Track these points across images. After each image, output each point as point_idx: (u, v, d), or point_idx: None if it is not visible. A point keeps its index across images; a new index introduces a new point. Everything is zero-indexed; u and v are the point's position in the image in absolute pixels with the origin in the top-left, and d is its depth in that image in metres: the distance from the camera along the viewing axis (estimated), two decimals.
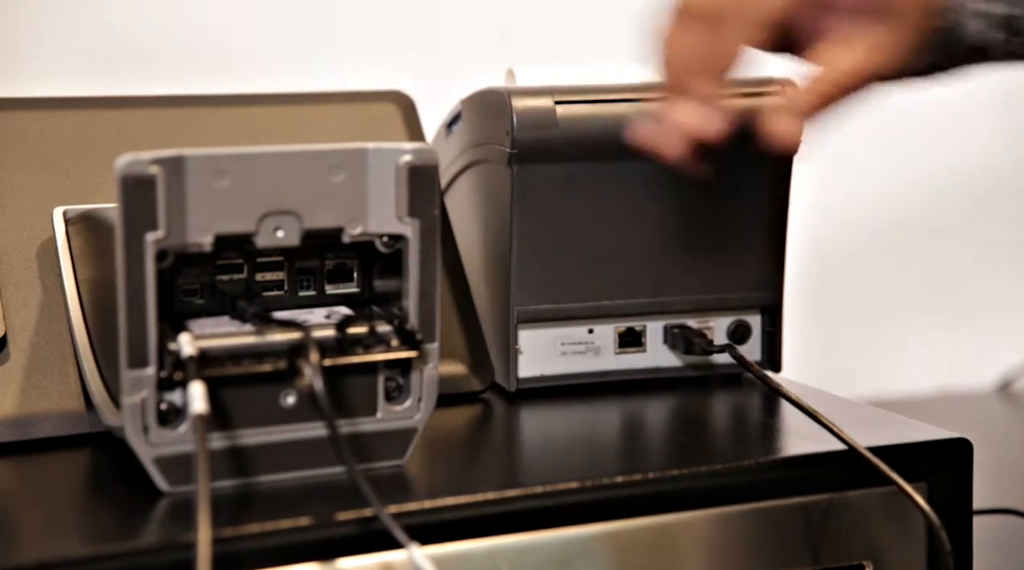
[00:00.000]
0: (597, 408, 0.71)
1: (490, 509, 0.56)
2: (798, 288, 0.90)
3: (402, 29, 1.03)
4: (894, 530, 0.62)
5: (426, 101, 0.82)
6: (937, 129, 1.17)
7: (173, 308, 0.58)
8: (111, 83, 0.95)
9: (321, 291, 0.61)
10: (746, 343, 0.76)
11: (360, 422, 0.58)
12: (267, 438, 0.57)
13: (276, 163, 0.55)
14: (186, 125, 0.75)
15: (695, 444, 0.65)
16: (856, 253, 1.16)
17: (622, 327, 0.74)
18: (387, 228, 0.57)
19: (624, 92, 0.71)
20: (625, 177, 0.72)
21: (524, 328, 0.73)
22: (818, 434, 0.62)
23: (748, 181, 0.73)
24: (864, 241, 1.16)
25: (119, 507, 0.55)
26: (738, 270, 0.75)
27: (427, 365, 0.58)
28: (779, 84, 0.73)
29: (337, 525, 0.53)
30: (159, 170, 0.53)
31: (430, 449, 0.62)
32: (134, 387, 0.54)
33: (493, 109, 0.72)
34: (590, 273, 0.73)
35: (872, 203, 1.16)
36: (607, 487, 0.58)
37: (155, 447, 0.55)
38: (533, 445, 0.67)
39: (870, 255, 1.17)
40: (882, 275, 1.17)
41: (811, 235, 1.06)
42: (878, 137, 1.15)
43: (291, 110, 0.78)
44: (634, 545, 0.58)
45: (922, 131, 1.17)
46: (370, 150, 0.57)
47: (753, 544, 0.60)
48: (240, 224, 0.55)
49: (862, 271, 1.16)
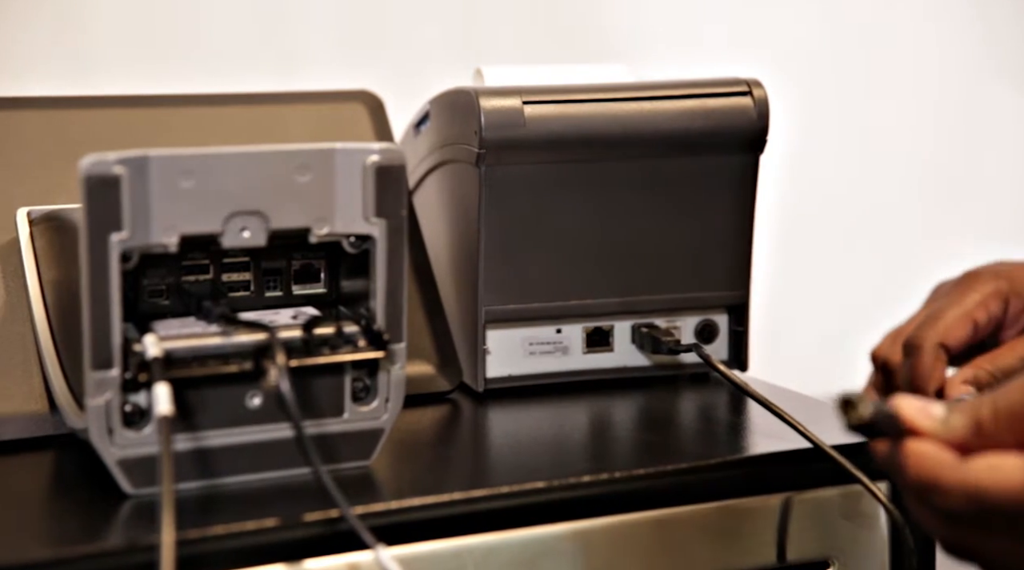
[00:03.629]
0: (565, 408, 0.71)
1: (457, 509, 0.56)
2: (765, 287, 0.91)
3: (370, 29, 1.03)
4: (858, 527, 0.62)
5: (394, 101, 0.82)
6: (903, 127, 1.18)
7: (138, 309, 0.58)
8: (76, 82, 0.95)
9: (288, 292, 0.61)
10: (713, 342, 0.76)
11: (327, 423, 0.58)
12: (233, 439, 0.56)
13: (242, 163, 0.55)
14: (153, 125, 0.74)
15: (662, 443, 0.65)
16: (823, 252, 1.17)
17: (590, 327, 0.74)
18: (354, 228, 0.57)
19: (592, 92, 0.71)
20: (593, 177, 0.72)
21: (492, 328, 0.73)
22: (784, 432, 0.63)
23: (715, 181, 0.74)
24: (831, 240, 1.17)
25: (83, 509, 0.55)
26: (705, 270, 0.75)
27: (394, 365, 0.58)
28: (745, 84, 0.73)
29: (303, 526, 0.53)
30: (123, 170, 0.52)
31: (397, 450, 0.62)
32: (98, 389, 0.53)
33: (461, 109, 0.72)
34: (558, 273, 0.73)
35: (839, 202, 1.16)
36: (574, 487, 0.58)
37: (119, 449, 0.54)
38: (501, 445, 0.68)
39: (837, 254, 1.17)
40: (849, 274, 1.17)
41: (778, 234, 1.06)
42: (845, 135, 1.16)
43: (259, 110, 0.78)
44: (601, 544, 0.58)
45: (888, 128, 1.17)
46: (337, 150, 0.57)
47: (719, 541, 0.60)
48: (206, 224, 0.55)
49: (829, 270, 1.17)
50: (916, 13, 1.17)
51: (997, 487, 0.42)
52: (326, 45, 1.02)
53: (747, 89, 0.73)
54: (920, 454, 0.44)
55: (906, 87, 1.18)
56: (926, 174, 1.20)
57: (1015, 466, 0.42)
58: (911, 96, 1.18)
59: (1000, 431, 0.44)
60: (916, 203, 1.20)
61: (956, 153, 1.20)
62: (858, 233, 1.18)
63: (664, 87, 0.72)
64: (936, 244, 1.20)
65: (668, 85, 0.72)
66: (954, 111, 1.20)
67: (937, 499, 0.44)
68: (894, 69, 1.17)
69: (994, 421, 0.44)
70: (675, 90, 0.72)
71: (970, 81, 1.20)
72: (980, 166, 1.21)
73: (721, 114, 0.72)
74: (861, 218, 1.18)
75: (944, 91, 1.19)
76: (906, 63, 1.17)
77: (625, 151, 0.72)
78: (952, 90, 1.19)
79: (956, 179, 1.21)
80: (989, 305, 0.72)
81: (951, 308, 0.72)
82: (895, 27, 1.16)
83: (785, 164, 0.97)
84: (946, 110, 1.19)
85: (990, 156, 1.22)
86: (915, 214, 1.20)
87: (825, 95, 1.15)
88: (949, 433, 0.44)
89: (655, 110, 0.72)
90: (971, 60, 1.19)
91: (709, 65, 0.77)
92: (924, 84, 1.18)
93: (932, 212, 1.20)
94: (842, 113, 1.16)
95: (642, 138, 0.71)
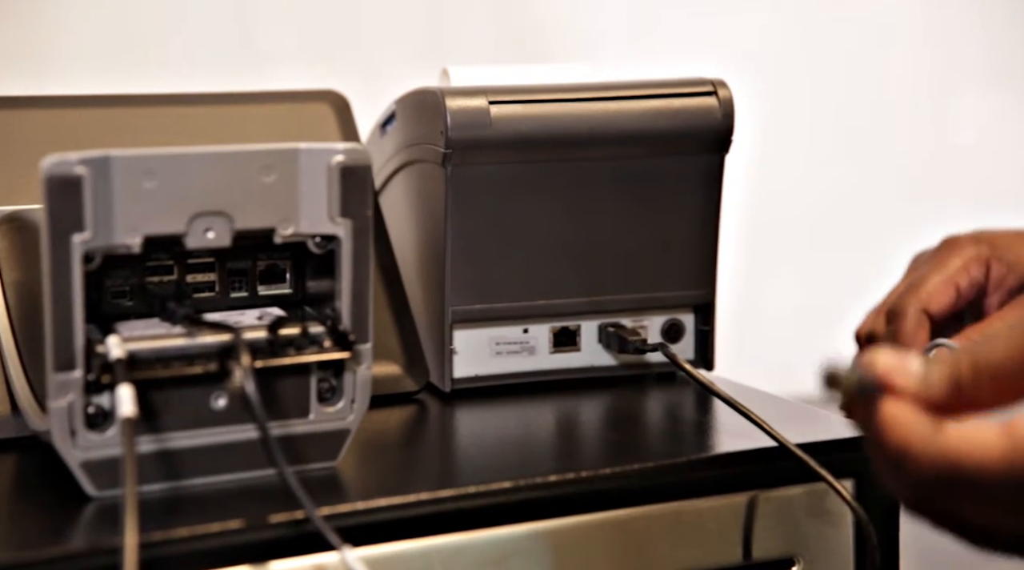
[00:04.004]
0: (532, 408, 0.71)
1: (424, 509, 0.56)
2: (731, 287, 0.91)
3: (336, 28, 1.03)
4: (823, 525, 0.63)
5: (361, 101, 0.82)
6: (869, 126, 1.19)
7: (101, 310, 0.57)
8: (38, 82, 0.94)
9: (253, 292, 0.61)
10: (680, 341, 0.76)
11: (292, 424, 0.58)
12: (198, 441, 0.56)
13: (206, 163, 0.55)
14: (116, 125, 0.74)
15: (628, 443, 0.65)
16: (789, 251, 1.17)
17: (557, 327, 0.74)
18: (319, 229, 0.57)
19: (558, 92, 0.72)
20: (559, 177, 0.72)
21: (459, 328, 0.73)
22: (749, 431, 0.63)
23: (680, 181, 0.74)
24: (797, 239, 1.18)
25: (45, 512, 0.54)
26: (671, 269, 0.75)
27: (360, 366, 0.58)
28: (710, 84, 0.73)
29: (268, 528, 0.53)
30: (86, 170, 0.52)
31: (364, 450, 0.62)
32: (61, 391, 0.53)
33: (427, 109, 0.72)
34: (525, 273, 0.73)
35: (804, 201, 1.17)
36: (540, 486, 0.58)
37: (82, 451, 0.54)
38: (468, 445, 0.68)
39: (803, 253, 1.18)
40: (814, 272, 1.18)
41: (744, 234, 1.07)
42: (810, 135, 1.17)
43: (224, 110, 0.77)
44: (568, 544, 0.58)
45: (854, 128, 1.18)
46: (301, 150, 0.56)
47: (685, 540, 0.60)
48: (169, 225, 0.54)
49: (794, 269, 1.18)
50: (880, 11, 1.18)
51: (973, 459, 0.41)
52: (292, 45, 1.02)
53: (712, 89, 0.73)
54: (894, 419, 0.43)
55: (872, 86, 1.19)
56: (892, 173, 1.21)
57: (992, 437, 0.41)
58: (877, 96, 1.19)
59: (979, 386, 0.42)
60: (882, 202, 1.21)
61: (922, 152, 1.21)
62: (824, 232, 1.19)
63: (630, 87, 0.73)
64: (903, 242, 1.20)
65: (634, 85, 0.73)
66: (920, 110, 1.21)
67: (910, 467, 0.42)
68: (860, 68, 1.18)
69: (973, 375, 0.42)
70: (641, 90, 0.72)
71: (937, 79, 1.21)
72: (948, 165, 1.22)
73: (686, 114, 0.73)
74: (826, 217, 1.19)
75: (910, 90, 1.20)
76: (872, 62, 1.18)
77: (591, 151, 0.72)
78: (919, 89, 1.20)
79: (923, 178, 1.22)
80: (971, 270, 0.72)
81: (933, 274, 0.71)
82: (861, 26, 1.17)
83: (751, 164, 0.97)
84: (913, 109, 1.20)
85: (957, 155, 1.23)
86: (881, 213, 1.21)
87: (790, 95, 1.16)
88: (927, 389, 0.43)
89: (621, 110, 0.72)
90: (938, 59, 1.20)
91: (674, 65, 0.77)
92: (890, 83, 1.19)
93: (898, 210, 1.21)
94: (807, 113, 1.17)
95: (608, 138, 0.72)
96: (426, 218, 0.74)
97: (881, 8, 1.18)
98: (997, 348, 0.42)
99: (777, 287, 1.15)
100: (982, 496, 0.41)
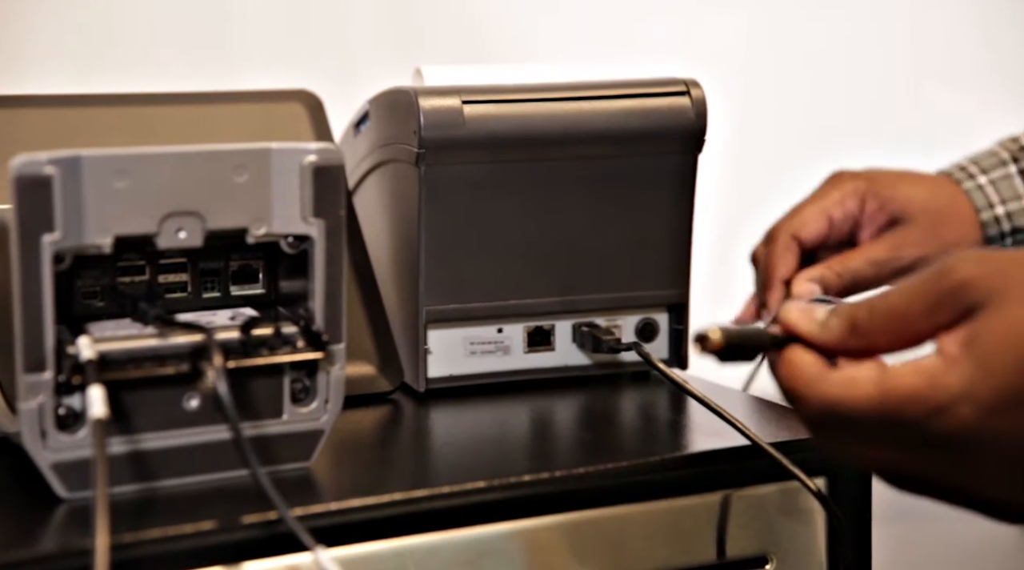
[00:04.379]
0: (506, 407, 0.71)
1: (397, 510, 0.56)
2: (704, 286, 0.91)
3: (310, 28, 1.03)
4: (796, 523, 0.63)
5: (334, 101, 0.81)
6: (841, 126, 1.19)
7: (72, 311, 0.57)
8: (10, 82, 0.93)
9: (226, 292, 0.61)
10: (653, 341, 0.76)
11: (265, 424, 0.57)
12: (170, 442, 0.56)
13: (177, 163, 0.54)
14: (88, 125, 0.73)
15: (602, 442, 0.66)
16: None
17: (531, 326, 0.74)
18: (292, 229, 0.57)
19: (531, 92, 0.72)
20: (533, 177, 0.72)
21: (433, 328, 0.73)
22: (723, 430, 0.63)
23: (654, 180, 0.74)
24: None
25: (15, 514, 0.54)
26: (645, 269, 0.75)
27: (333, 366, 0.58)
28: (683, 84, 0.74)
29: (241, 529, 0.53)
30: (55, 170, 0.52)
31: (338, 451, 0.62)
32: (31, 392, 0.53)
33: (400, 109, 0.72)
34: (499, 273, 0.73)
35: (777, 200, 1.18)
36: (515, 486, 0.58)
37: (53, 452, 0.54)
38: (442, 445, 0.67)
39: None
40: None
41: (717, 233, 1.07)
42: (783, 135, 1.17)
43: (197, 110, 0.77)
44: (542, 543, 0.58)
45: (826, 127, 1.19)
46: (273, 150, 0.56)
47: (659, 539, 0.61)
48: (140, 225, 0.54)
49: None
50: (852, 12, 1.19)
51: (849, 400, 0.44)
52: (265, 44, 1.02)
53: (685, 89, 0.74)
54: (789, 363, 0.47)
55: (843, 86, 1.19)
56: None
57: (867, 378, 0.44)
58: (849, 95, 1.20)
59: (875, 332, 0.45)
60: None
61: (894, 152, 1.22)
62: None
63: (603, 87, 0.73)
64: None
65: (607, 85, 0.73)
66: (892, 109, 1.21)
67: (800, 408, 0.46)
68: (831, 68, 1.19)
69: (869, 321, 0.45)
70: (614, 90, 0.73)
71: (906, 79, 1.22)
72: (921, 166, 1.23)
73: (660, 114, 0.73)
74: None
75: (881, 88, 1.21)
76: (843, 62, 1.19)
77: (564, 151, 0.72)
78: (889, 87, 1.21)
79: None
80: (846, 202, 0.77)
81: (809, 204, 0.77)
82: (832, 26, 1.18)
83: (724, 163, 0.98)
84: (883, 108, 1.21)
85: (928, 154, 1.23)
86: None
87: (763, 95, 1.17)
88: (826, 334, 0.46)
89: (594, 110, 0.72)
90: (908, 57, 1.21)
91: (647, 65, 0.77)
92: (861, 82, 1.20)
93: None
94: (780, 112, 1.18)
95: (581, 138, 0.72)
96: (400, 218, 0.74)
97: (851, 8, 1.18)
98: (892, 295, 0.45)
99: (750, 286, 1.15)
100: (861, 434, 0.45)
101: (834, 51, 1.18)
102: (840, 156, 1.19)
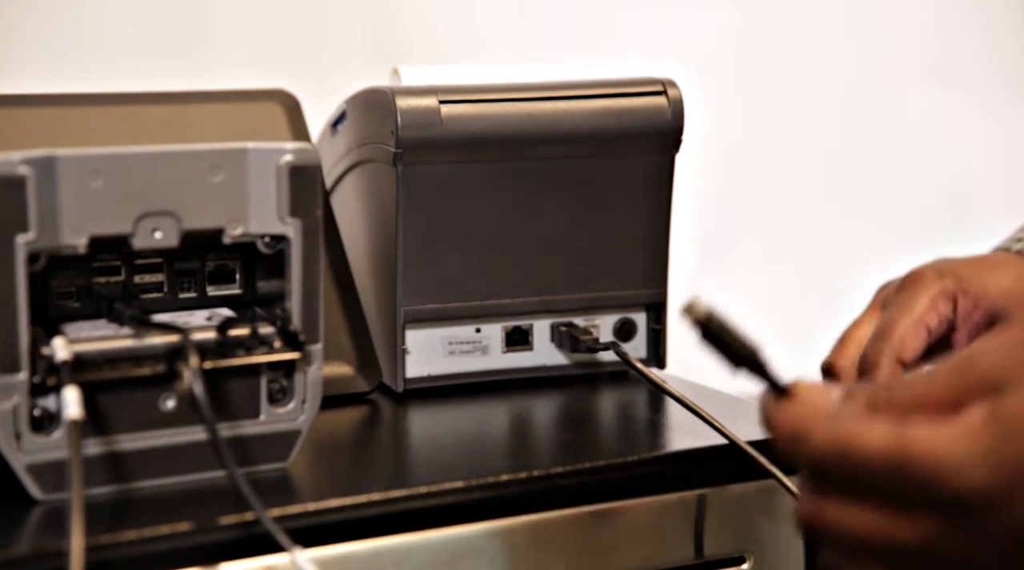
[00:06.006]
0: (485, 407, 0.71)
1: (375, 510, 0.56)
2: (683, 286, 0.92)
3: (287, 27, 1.02)
4: (773, 522, 0.63)
5: (311, 100, 0.81)
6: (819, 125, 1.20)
7: (47, 312, 0.57)
8: None
9: (202, 293, 0.60)
10: (632, 340, 0.76)
11: (242, 425, 0.57)
12: (146, 443, 0.56)
13: (152, 163, 0.54)
14: (63, 125, 0.73)
15: (580, 442, 0.66)
16: (740, 250, 1.18)
17: (509, 326, 0.75)
18: (269, 228, 0.57)
19: (509, 92, 0.72)
20: (510, 176, 0.72)
21: (411, 328, 0.73)
22: (701, 429, 0.63)
23: (631, 180, 0.74)
24: (748, 238, 1.18)
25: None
26: (623, 268, 0.75)
27: (311, 366, 0.58)
28: (660, 84, 0.74)
29: (218, 530, 0.52)
30: (29, 170, 0.51)
31: (315, 451, 0.61)
32: (5, 393, 0.52)
33: (377, 108, 0.72)
34: (477, 272, 0.73)
35: (755, 200, 1.18)
36: (493, 486, 0.58)
37: (28, 454, 0.53)
38: (420, 445, 0.67)
39: (754, 252, 1.19)
40: (767, 270, 1.19)
41: (695, 233, 1.07)
42: (760, 134, 1.18)
43: (173, 109, 0.77)
44: (520, 543, 0.58)
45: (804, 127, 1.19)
46: (250, 150, 0.56)
47: (637, 539, 0.61)
48: (116, 225, 0.54)
49: (747, 266, 1.18)
50: (828, 12, 1.19)
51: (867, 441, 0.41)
52: (242, 43, 1.01)
53: (662, 89, 0.74)
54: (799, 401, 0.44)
55: (820, 86, 1.20)
56: (842, 172, 1.22)
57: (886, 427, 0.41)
58: (826, 95, 1.20)
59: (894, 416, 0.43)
60: (832, 201, 1.22)
61: (871, 151, 1.23)
62: (774, 231, 1.20)
63: (580, 87, 0.73)
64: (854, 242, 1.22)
65: (584, 85, 0.73)
66: (869, 109, 1.22)
67: (806, 447, 0.43)
68: (809, 68, 1.19)
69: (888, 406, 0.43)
70: (591, 90, 0.73)
71: (883, 79, 1.22)
72: (896, 164, 1.24)
73: (636, 114, 0.73)
74: (777, 216, 1.20)
75: (859, 88, 1.21)
76: (820, 62, 1.19)
77: (542, 150, 0.72)
78: (866, 88, 1.21)
79: (872, 176, 1.23)
80: (939, 307, 0.69)
81: (901, 318, 0.68)
82: (808, 26, 1.18)
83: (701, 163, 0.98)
84: (861, 108, 1.21)
85: (904, 154, 1.24)
86: (832, 212, 1.22)
87: (740, 94, 1.17)
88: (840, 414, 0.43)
89: (571, 110, 0.72)
90: (886, 57, 1.22)
91: (624, 65, 0.77)
92: (838, 82, 1.21)
93: (849, 210, 1.22)
94: (757, 112, 1.18)
95: (559, 137, 0.72)
96: (377, 218, 0.74)
97: (828, 8, 1.19)
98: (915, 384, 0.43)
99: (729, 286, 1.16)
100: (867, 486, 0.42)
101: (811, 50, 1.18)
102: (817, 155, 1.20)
